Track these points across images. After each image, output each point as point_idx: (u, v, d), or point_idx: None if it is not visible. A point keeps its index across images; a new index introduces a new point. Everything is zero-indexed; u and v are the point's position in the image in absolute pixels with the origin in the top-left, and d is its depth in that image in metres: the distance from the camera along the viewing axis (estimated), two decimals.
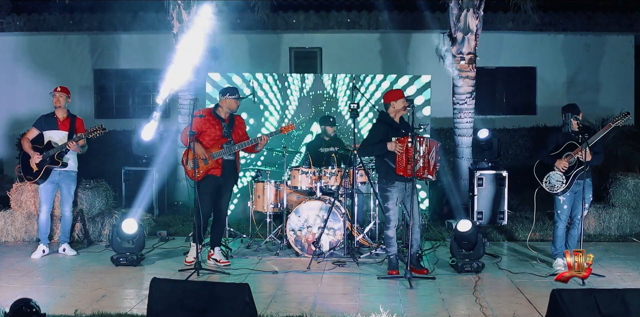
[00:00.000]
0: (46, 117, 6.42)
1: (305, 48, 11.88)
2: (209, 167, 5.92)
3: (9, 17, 11.47)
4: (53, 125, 6.34)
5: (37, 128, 6.37)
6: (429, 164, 5.55)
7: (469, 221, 5.81)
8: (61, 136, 6.32)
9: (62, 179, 6.40)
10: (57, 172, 6.34)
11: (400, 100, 5.69)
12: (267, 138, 6.00)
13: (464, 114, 8.73)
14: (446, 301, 4.88)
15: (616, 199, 7.58)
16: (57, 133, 6.33)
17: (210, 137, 5.95)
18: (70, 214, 6.55)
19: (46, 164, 6.26)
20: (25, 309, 3.48)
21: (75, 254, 6.46)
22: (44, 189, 6.40)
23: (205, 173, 5.93)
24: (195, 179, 5.81)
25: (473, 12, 8.51)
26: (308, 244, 6.35)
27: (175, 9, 8.76)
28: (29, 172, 6.35)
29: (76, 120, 6.43)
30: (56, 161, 6.25)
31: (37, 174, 6.28)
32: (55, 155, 6.23)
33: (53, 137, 6.31)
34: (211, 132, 5.95)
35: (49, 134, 6.34)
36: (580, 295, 3.64)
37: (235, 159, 6.13)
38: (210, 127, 5.95)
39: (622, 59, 11.78)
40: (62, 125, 6.36)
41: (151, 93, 12.03)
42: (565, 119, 5.78)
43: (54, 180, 6.37)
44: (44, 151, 6.24)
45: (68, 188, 6.45)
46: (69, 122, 6.37)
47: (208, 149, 5.91)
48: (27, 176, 6.37)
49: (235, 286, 3.77)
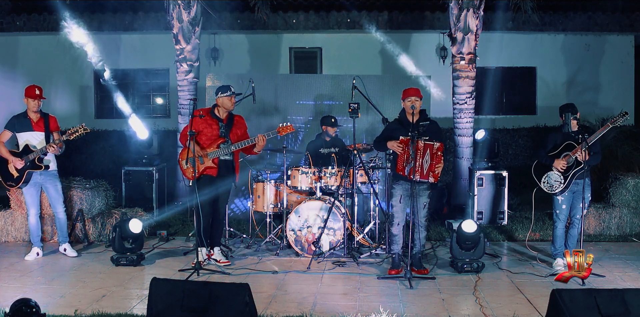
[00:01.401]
0: (18, 118, 6.20)
1: (305, 48, 11.88)
2: (205, 167, 5.92)
3: (9, 17, 11.48)
4: (27, 127, 6.15)
5: (9, 130, 6.20)
6: (422, 167, 5.50)
7: (473, 222, 5.78)
8: (38, 138, 6.17)
9: (44, 179, 6.26)
10: (38, 173, 6.20)
11: (405, 100, 5.66)
12: (265, 138, 5.91)
13: (464, 114, 8.73)
14: (446, 301, 4.88)
15: (616, 199, 7.58)
16: (33, 134, 6.16)
17: (207, 136, 5.94)
18: (64, 215, 6.41)
19: (27, 169, 6.13)
20: (25, 309, 3.47)
21: (76, 256, 6.40)
22: (28, 192, 6.27)
23: (201, 173, 5.93)
24: (191, 178, 5.81)
25: (473, 12, 8.51)
26: (308, 244, 6.35)
27: (175, 9, 8.76)
28: (9, 178, 6.21)
29: (49, 119, 6.25)
30: (38, 165, 6.12)
31: (19, 180, 6.15)
32: (35, 159, 6.09)
33: (30, 140, 6.15)
34: (208, 131, 5.94)
35: (24, 136, 6.17)
36: (580, 295, 3.64)
37: (234, 159, 6.11)
38: (207, 126, 5.94)
39: (622, 59, 11.79)
40: (37, 126, 6.17)
41: (151, 93, 12.03)
42: (564, 119, 5.77)
43: (36, 182, 6.25)
44: (23, 155, 6.10)
45: (54, 187, 6.32)
46: (43, 122, 6.19)
47: (204, 149, 5.92)
48: (8, 182, 6.24)
49: (235, 286, 3.77)
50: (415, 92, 5.66)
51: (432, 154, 5.49)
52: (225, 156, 5.98)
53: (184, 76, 8.91)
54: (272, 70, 11.59)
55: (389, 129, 5.90)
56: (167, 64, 10.93)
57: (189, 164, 5.85)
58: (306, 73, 11.49)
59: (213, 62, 11.50)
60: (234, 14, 11.21)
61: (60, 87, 11.50)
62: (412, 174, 5.40)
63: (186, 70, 8.89)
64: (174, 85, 10.28)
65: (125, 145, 9.27)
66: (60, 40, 11.16)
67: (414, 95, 5.62)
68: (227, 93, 5.94)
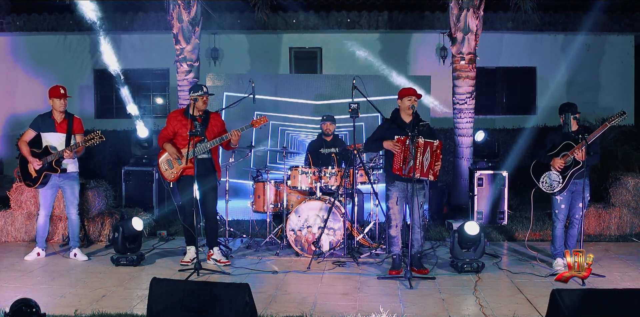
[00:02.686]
0: (43, 118, 6.21)
1: (305, 48, 11.89)
2: (183, 168, 5.93)
3: (9, 17, 11.49)
4: (50, 127, 6.15)
5: (33, 129, 6.21)
6: (422, 165, 5.50)
7: (475, 224, 5.76)
8: (59, 139, 6.16)
9: (63, 181, 6.24)
10: (57, 175, 6.18)
11: (405, 99, 5.64)
12: (239, 133, 5.91)
13: (464, 114, 8.73)
14: (446, 301, 4.88)
15: (616, 199, 7.58)
16: (55, 136, 6.16)
17: (183, 137, 5.93)
18: (76, 217, 6.36)
19: (45, 171, 6.12)
20: (25, 309, 3.48)
21: (87, 259, 6.28)
22: (43, 194, 6.27)
23: (180, 174, 5.96)
24: (171, 180, 5.97)
25: (473, 12, 8.51)
26: (308, 244, 6.35)
27: (175, 9, 8.76)
28: (28, 178, 6.21)
29: (74, 121, 6.24)
30: (54, 168, 6.10)
31: (36, 180, 6.15)
32: (53, 161, 6.08)
33: (50, 141, 6.15)
34: (182, 132, 5.93)
35: (46, 136, 6.18)
36: (580, 295, 3.64)
37: (212, 157, 6.10)
38: (182, 127, 5.95)
39: (622, 59, 11.80)
40: (60, 127, 6.17)
41: (151, 93, 12.04)
42: (565, 119, 5.76)
43: (54, 184, 6.23)
44: (42, 156, 6.09)
45: (72, 190, 6.28)
46: (66, 124, 6.19)
47: (180, 150, 5.93)
48: (27, 181, 6.23)
49: (235, 286, 3.77)
50: (414, 92, 5.66)
51: (432, 152, 5.49)
52: (203, 155, 5.96)
53: (184, 76, 8.91)
54: (272, 70, 11.59)
55: (382, 129, 5.83)
56: (167, 64, 10.93)
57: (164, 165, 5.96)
58: (306, 73, 11.49)
59: (213, 62, 11.51)
60: (234, 14, 11.22)
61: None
62: (412, 172, 5.40)
63: (186, 70, 8.89)
64: (174, 85, 10.29)
65: (125, 145, 9.27)
66: (60, 40, 11.16)
67: (414, 95, 5.62)
68: (198, 92, 5.93)
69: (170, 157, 5.96)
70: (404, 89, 5.76)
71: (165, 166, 6.00)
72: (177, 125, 5.97)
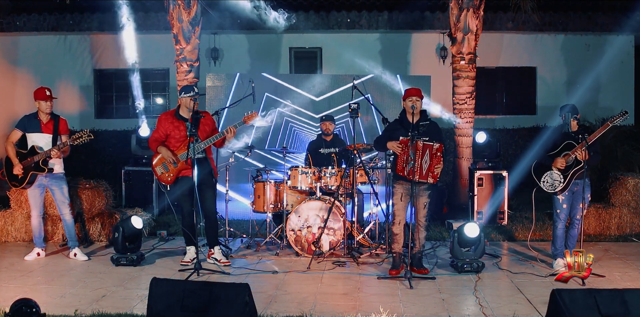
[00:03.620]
0: (29, 118, 6.19)
1: (305, 48, 11.88)
2: (180, 169, 5.94)
3: (9, 17, 11.47)
4: (36, 128, 6.13)
5: (19, 129, 6.20)
6: (422, 168, 5.50)
7: (475, 225, 5.75)
8: (45, 139, 6.14)
9: (50, 182, 6.23)
10: (44, 176, 6.17)
11: (407, 99, 5.64)
12: (234, 129, 5.93)
13: (464, 114, 8.73)
14: (446, 301, 4.88)
15: (616, 199, 7.58)
16: (41, 136, 6.14)
17: (176, 139, 5.95)
18: (70, 217, 6.36)
19: (31, 171, 6.11)
20: (25, 309, 3.48)
21: (87, 259, 6.28)
22: (31, 193, 6.26)
23: (176, 176, 5.96)
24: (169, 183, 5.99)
25: (473, 12, 8.52)
26: (308, 244, 6.35)
27: (175, 9, 8.76)
28: (14, 178, 6.19)
29: (60, 121, 6.23)
30: (42, 167, 6.09)
31: (22, 181, 6.14)
32: (40, 161, 6.07)
33: (37, 141, 6.13)
34: (175, 134, 5.94)
35: (32, 137, 6.16)
36: (580, 295, 3.64)
37: (207, 156, 6.10)
38: (174, 129, 5.95)
39: (622, 59, 11.79)
40: (46, 128, 6.16)
41: (151, 93, 12.03)
42: (565, 119, 5.77)
43: (41, 184, 6.23)
44: (28, 156, 6.09)
45: (60, 190, 6.27)
46: (52, 125, 6.18)
47: (175, 152, 5.93)
48: (13, 182, 6.23)
49: (235, 286, 3.77)
50: (417, 92, 5.65)
51: (431, 155, 5.47)
52: (198, 155, 5.95)
53: (184, 76, 8.91)
54: (272, 70, 11.58)
55: (389, 129, 5.89)
56: (167, 64, 10.93)
57: (170, 167, 5.95)
58: (306, 73, 11.49)
59: (213, 62, 11.51)
60: (234, 14, 11.20)
61: (61, 87, 11.49)
62: (411, 175, 5.40)
63: (186, 70, 8.90)
64: (174, 85, 10.29)
65: (125, 145, 9.27)
66: (60, 40, 11.15)
67: (415, 95, 5.61)
68: (190, 93, 5.94)
69: (164, 161, 5.96)
70: (407, 90, 5.77)
71: (160, 169, 6.00)
72: (169, 127, 5.96)
